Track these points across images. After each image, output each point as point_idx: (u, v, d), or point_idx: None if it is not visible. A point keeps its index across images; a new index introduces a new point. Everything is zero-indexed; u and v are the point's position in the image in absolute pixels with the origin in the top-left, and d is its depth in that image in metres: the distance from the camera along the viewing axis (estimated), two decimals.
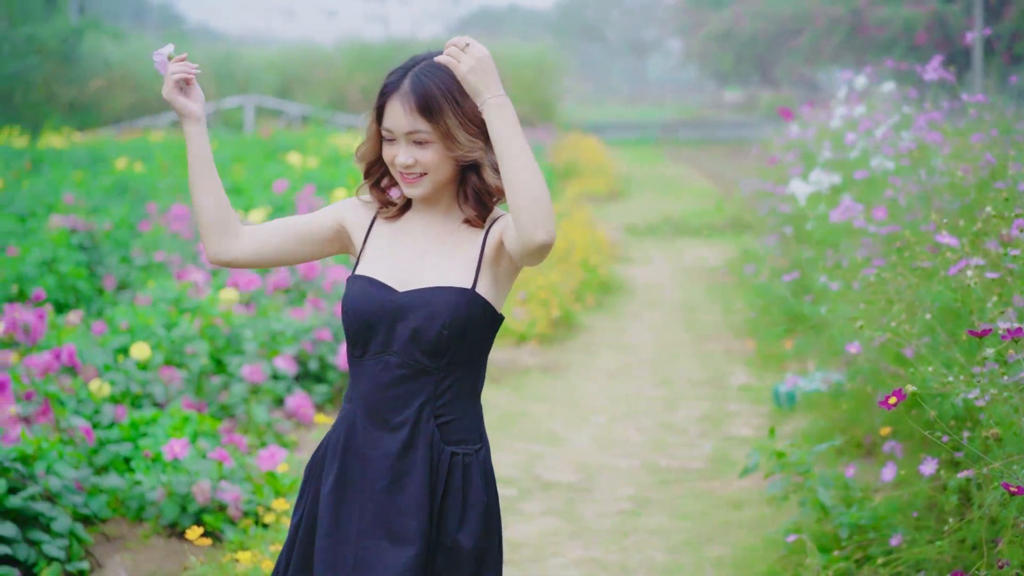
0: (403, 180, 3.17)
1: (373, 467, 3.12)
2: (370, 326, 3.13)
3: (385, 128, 3.16)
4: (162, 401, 7.33)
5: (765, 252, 11.47)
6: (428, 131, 3.10)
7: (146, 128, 31.18)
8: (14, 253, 10.41)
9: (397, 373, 3.11)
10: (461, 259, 3.16)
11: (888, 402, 3.49)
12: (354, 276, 3.20)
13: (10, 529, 5.07)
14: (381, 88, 3.17)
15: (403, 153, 3.13)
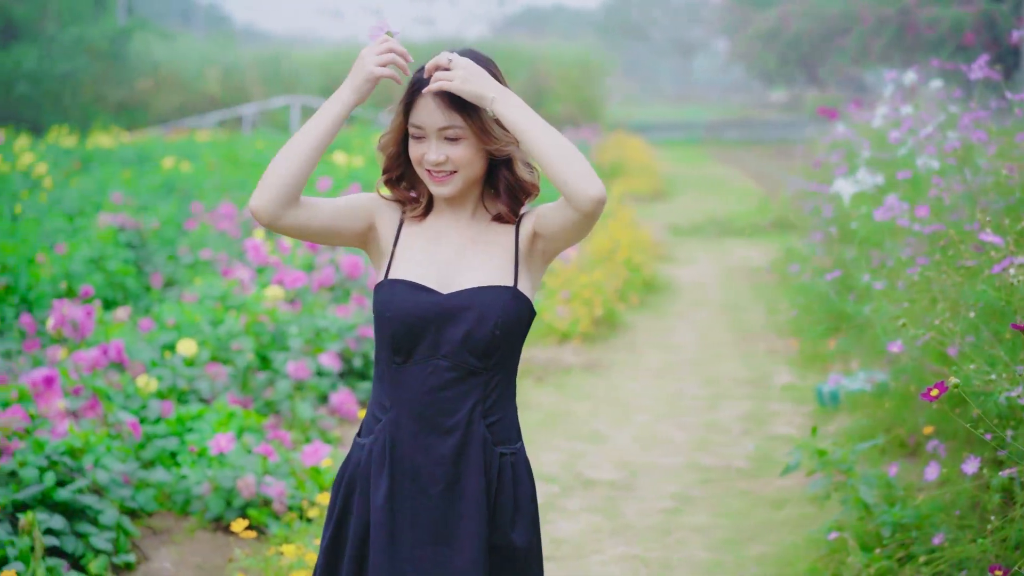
0: (432, 179, 3.12)
1: (426, 473, 3.08)
2: (417, 331, 3.08)
3: (414, 125, 3.11)
4: (208, 397, 7.40)
5: (809, 252, 11.44)
6: (463, 126, 3.07)
7: (192, 128, 31.40)
8: (63, 251, 10.52)
9: (447, 376, 3.07)
10: (497, 258, 3.15)
11: (930, 394, 3.50)
12: (390, 280, 3.14)
13: (59, 521, 5.14)
14: (411, 84, 3.13)
15: (434, 150, 3.08)
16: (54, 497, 5.29)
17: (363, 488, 3.13)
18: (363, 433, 3.19)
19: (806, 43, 43.86)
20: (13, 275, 9.48)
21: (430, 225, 3.21)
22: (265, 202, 3.04)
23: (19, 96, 32.59)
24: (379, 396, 3.16)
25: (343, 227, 3.17)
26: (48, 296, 9.45)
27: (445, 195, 3.13)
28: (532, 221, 3.17)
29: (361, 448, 3.16)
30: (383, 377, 3.15)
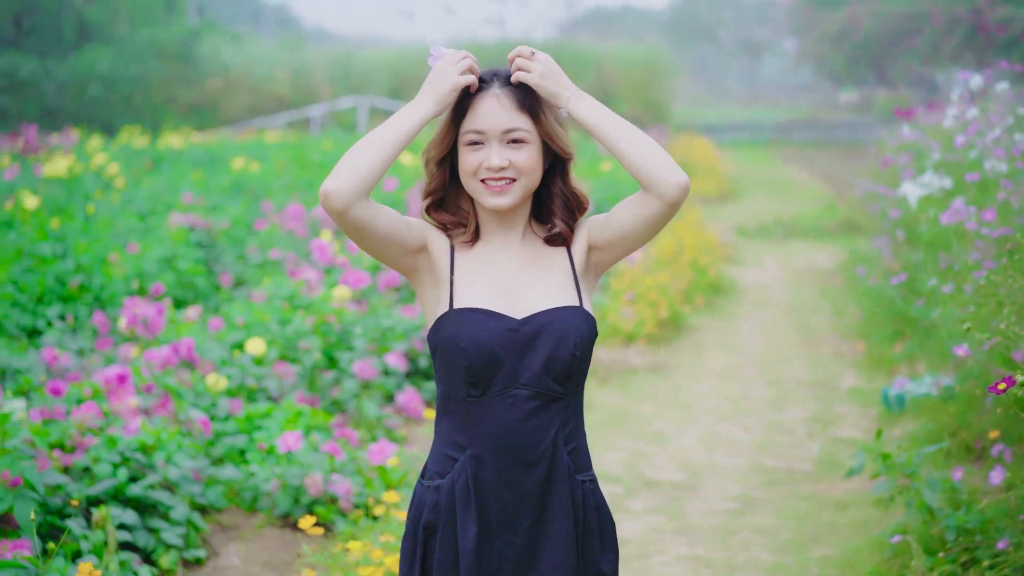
0: (489, 189, 2.98)
1: (512, 510, 2.95)
2: (495, 361, 2.93)
3: (473, 130, 2.98)
4: (276, 395, 7.49)
5: (876, 254, 11.38)
6: (528, 130, 2.97)
7: (261, 129, 31.68)
8: (135, 250, 10.69)
9: (529, 406, 2.94)
10: (557, 277, 3.03)
11: (998, 388, 3.50)
12: (459, 310, 2.97)
13: (131, 516, 5.25)
14: (466, 88, 3.00)
15: (496, 155, 2.95)
16: (126, 493, 5.40)
17: (444, 531, 2.98)
18: (430, 475, 3.03)
19: (876, 44, 43.50)
20: (87, 274, 9.64)
21: (481, 252, 3.07)
22: (342, 186, 2.86)
23: (92, 97, 33.05)
24: (451, 435, 3.00)
25: (402, 239, 2.99)
26: (120, 295, 9.60)
27: (503, 206, 2.98)
28: (585, 236, 3.08)
29: (435, 491, 2.99)
30: (454, 412, 2.99)
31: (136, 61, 34.04)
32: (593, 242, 3.08)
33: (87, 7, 35.21)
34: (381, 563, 4.46)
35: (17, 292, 9.12)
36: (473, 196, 3.03)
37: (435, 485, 2.99)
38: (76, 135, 24.32)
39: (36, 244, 10.17)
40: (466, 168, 2.99)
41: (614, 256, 3.09)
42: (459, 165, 3.02)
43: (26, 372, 7.34)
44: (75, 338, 8.53)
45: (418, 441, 7.34)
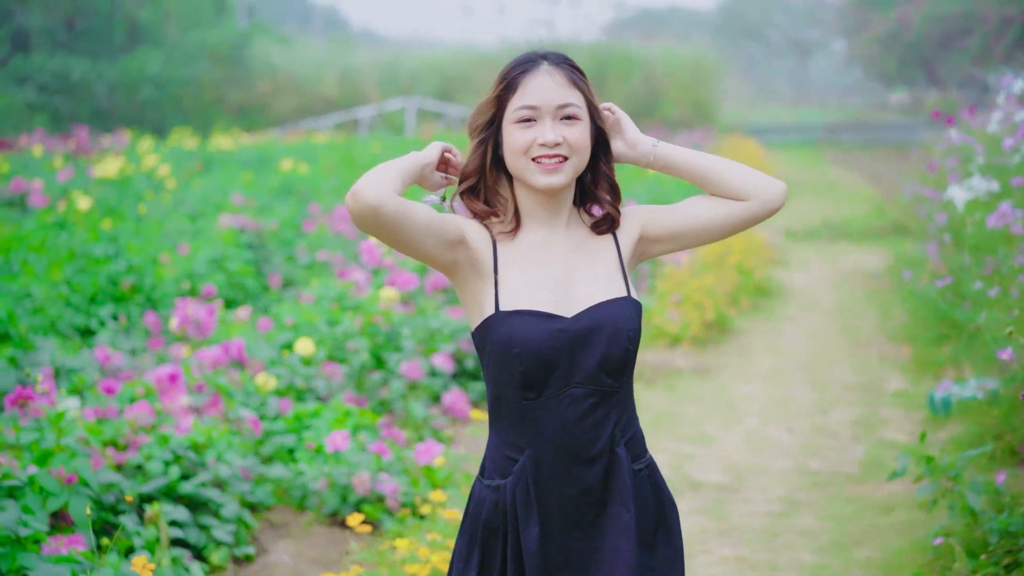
0: (542, 167, 2.90)
1: (574, 508, 2.92)
2: (551, 362, 2.87)
3: (525, 106, 2.89)
4: (324, 395, 7.59)
5: (923, 258, 11.35)
6: (580, 106, 2.92)
7: (310, 130, 31.87)
8: (186, 251, 10.82)
9: (586, 404, 2.90)
10: (605, 267, 2.99)
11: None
12: (509, 312, 2.90)
13: (183, 513, 5.34)
14: (511, 67, 2.93)
15: (550, 130, 2.87)
16: (178, 490, 5.49)
17: (505, 530, 2.94)
18: (489, 474, 2.98)
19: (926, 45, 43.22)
20: (138, 275, 9.77)
21: (524, 243, 2.98)
22: (374, 180, 2.77)
23: (143, 99, 33.37)
24: (508, 436, 2.94)
25: (439, 230, 2.86)
26: (171, 295, 9.73)
27: (555, 185, 2.90)
28: (638, 224, 3.05)
29: (495, 490, 2.94)
30: (510, 415, 2.93)
31: (187, 63, 34.36)
32: (648, 233, 3.06)
33: (138, 10, 35.56)
34: (428, 560, 4.53)
35: (70, 292, 9.26)
36: (521, 177, 2.94)
37: (495, 485, 2.94)
38: (127, 136, 24.60)
39: (89, 245, 10.32)
40: (516, 146, 2.91)
41: (666, 249, 3.08)
42: (506, 145, 2.94)
43: (80, 371, 7.46)
44: (127, 338, 8.66)
45: (464, 441, 7.41)
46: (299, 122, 34.54)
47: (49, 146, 21.84)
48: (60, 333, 8.71)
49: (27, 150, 20.60)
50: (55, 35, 34.56)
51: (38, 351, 7.72)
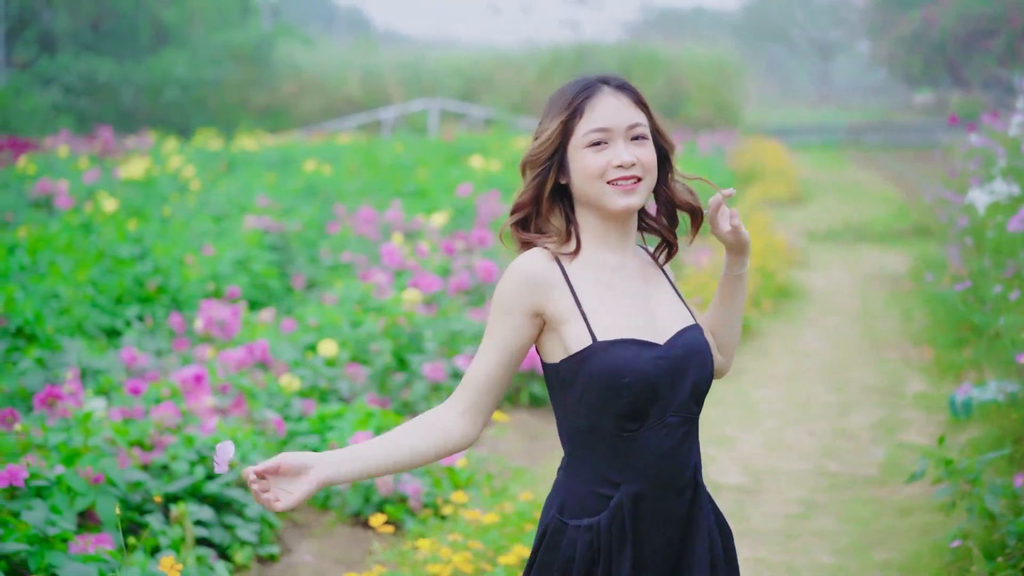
0: (620, 189, 2.83)
1: (663, 538, 2.85)
2: (656, 392, 2.79)
3: (597, 129, 2.82)
4: (347, 397, 7.65)
5: (944, 260, 11.36)
6: (646, 125, 2.87)
7: (333, 131, 31.98)
8: (211, 252, 10.91)
9: (679, 433, 2.83)
10: (670, 294, 2.95)
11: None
12: (611, 342, 2.78)
13: (208, 513, 5.42)
14: (573, 94, 2.86)
15: (624, 151, 2.80)
16: (203, 490, 5.57)
17: (594, 572, 2.83)
18: (574, 513, 2.84)
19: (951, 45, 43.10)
20: (164, 276, 9.86)
21: (596, 269, 2.89)
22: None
23: (168, 101, 33.53)
24: (600, 471, 2.82)
25: (516, 365, 2.89)
26: (196, 297, 9.81)
27: (634, 206, 2.82)
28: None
29: (588, 530, 2.81)
30: (604, 449, 2.81)
31: (211, 65, 34.51)
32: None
33: (163, 11, 35.74)
34: (450, 561, 4.59)
35: (96, 293, 9.35)
36: (597, 201, 2.85)
37: (587, 525, 2.82)
38: (152, 138, 24.75)
39: (115, 246, 10.42)
40: (591, 170, 2.83)
41: None
42: (576, 171, 2.85)
43: (106, 372, 7.54)
44: (153, 339, 8.74)
45: (486, 443, 7.47)
46: (322, 123, 34.65)
47: (74, 147, 21.99)
48: (86, 334, 8.80)
49: (53, 151, 20.76)
50: (81, 37, 34.77)
51: (65, 352, 7.81)
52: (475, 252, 10.43)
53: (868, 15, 53.09)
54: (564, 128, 2.84)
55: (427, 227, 12.22)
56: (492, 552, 4.79)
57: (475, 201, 14.33)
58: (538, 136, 2.88)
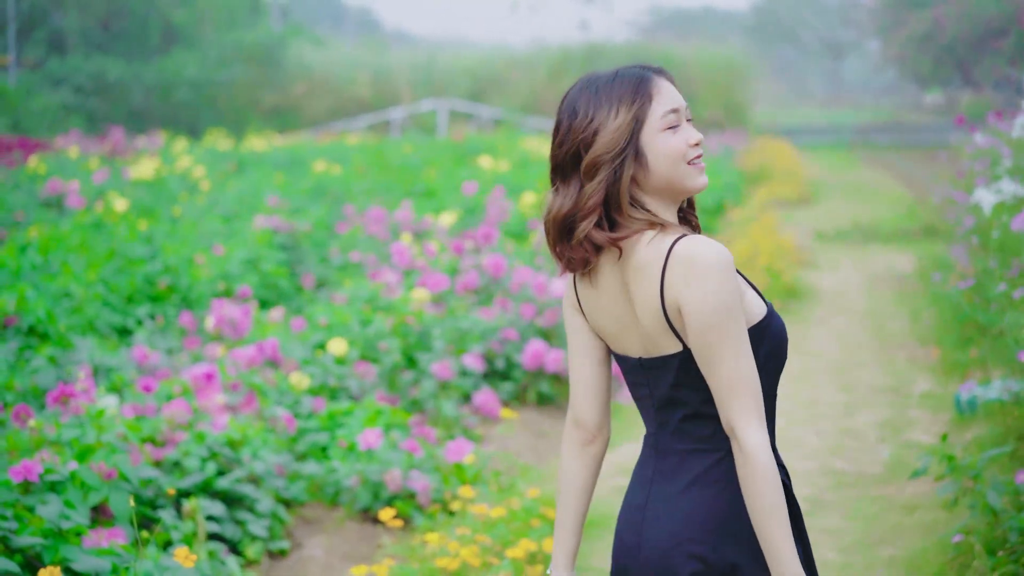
0: (698, 168, 2.82)
1: None
2: None
3: (672, 110, 2.78)
4: (357, 394, 7.71)
5: (951, 260, 11.40)
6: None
7: (342, 131, 32.04)
8: (221, 252, 10.98)
9: None
10: None
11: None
12: (772, 306, 2.91)
13: (219, 508, 5.48)
14: (637, 82, 2.79)
15: (692, 131, 2.79)
16: (214, 486, 5.63)
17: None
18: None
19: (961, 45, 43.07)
20: (174, 275, 9.93)
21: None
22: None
23: (178, 101, 33.62)
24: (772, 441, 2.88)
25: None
26: (206, 296, 9.88)
27: (705, 185, 2.82)
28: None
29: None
30: (768, 413, 2.89)
31: (222, 65, 34.59)
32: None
33: (173, 11, 35.83)
34: (457, 554, 4.65)
35: (108, 292, 9.42)
36: (680, 183, 2.80)
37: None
38: (162, 138, 24.83)
39: (126, 245, 10.50)
40: (675, 152, 2.78)
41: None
42: (657, 156, 2.77)
43: (117, 370, 7.61)
44: (164, 337, 8.81)
45: (495, 440, 7.52)
46: (331, 123, 34.71)
47: (85, 148, 22.08)
48: (98, 332, 8.87)
49: (63, 151, 20.85)
50: (91, 37, 34.86)
51: (76, 350, 7.88)
52: (483, 251, 10.49)
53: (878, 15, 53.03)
54: (636, 115, 2.77)
55: (436, 227, 12.28)
56: (500, 546, 4.85)
57: (484, 201, 14.38)
58: (597, 132, 2.76)
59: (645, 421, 2.91)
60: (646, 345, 2.83)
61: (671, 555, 2.79)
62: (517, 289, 9.56)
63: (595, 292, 2.86)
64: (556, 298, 9.37)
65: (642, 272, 2.76)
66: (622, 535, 2.88)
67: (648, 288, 2.76)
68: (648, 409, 2.89)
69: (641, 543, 2.83)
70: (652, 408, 2.87)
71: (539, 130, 30.79)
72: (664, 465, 2.85)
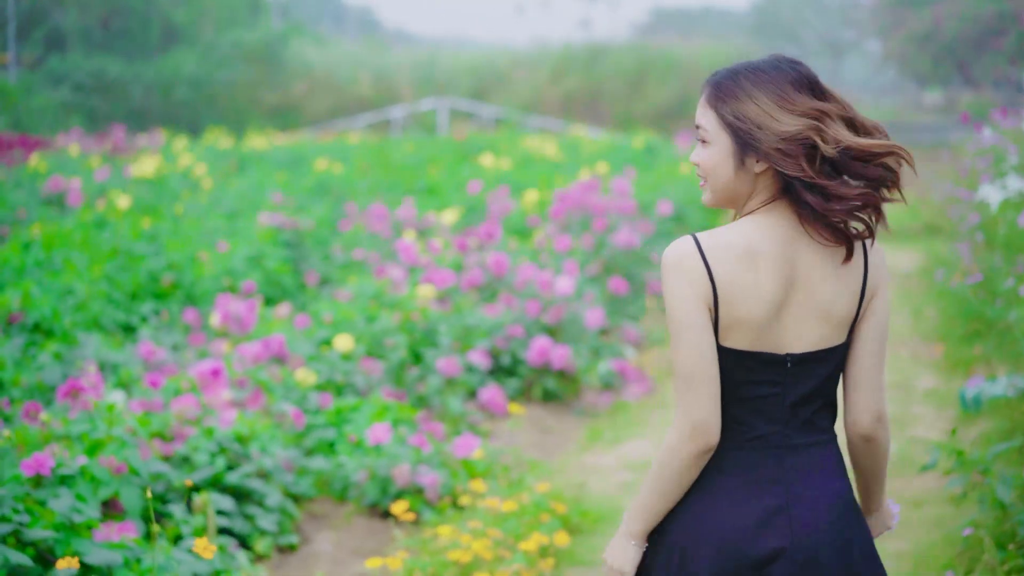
0: (701, 185, 2.90)
1: None
2: None
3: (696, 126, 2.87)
4: (363, 390, 7.71)
5: (955, 257, 11.40)
6: (709, 128, 2.83)
7: (342, 130, 32.03)
8: (225, 249, 10.97)
9: None
10: None
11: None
12: None
13: (228, 503, 5.48)
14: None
15: (694, 152, 2.86)
16: (223, 481, 5.63)
17: None
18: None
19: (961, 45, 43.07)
20: (178, 272, 9.93)
21: None
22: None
23: (178, 100, 33.60)
24: None
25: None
26: (210, 292, 9.88)
27: (705, 203, 2.88)
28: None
29: None
30: None
31: (222, 64, 34.56)
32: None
33: (173, 10, 35.81)
34: (469, 548, 4.65)
35: (112, 289, 9.42)
36: None
37: None
38: (162, 136, 24.82)
39: (129, 243, 10.49)
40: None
41: None
42: None
43: (124, 366, 7.61)
44: (168, 334, 8.81)
45: (501, 436, 7.52)
46: (331, 122, 34.68)
47: (85, 146, 22.05)
48: (103, 329, 8.87)
49: (64, 150, 20.83)
50: (91, 35, 34.83)
51: (82, 346, 7.88)
52: (487, 248, 10.50)
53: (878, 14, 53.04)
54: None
55: (439, 224, 12.28)
56: (511, 540, 4.85)
57: (486, 199, 14.38)
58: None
59: (753, 422, 2.84)
60: (816, 338, 2.84)
61: (847, 550, 2.85)
62: (522, 286, 9.56)
63: (770, 280, 2.78)
64: (561, 295, 9.38)
65: (854, 263, 2.84)
66: (757, 542, 2.80)
67: (854, 278, 2.83)
68: (771, 408, 2.83)
69: (797, 544, 2.81)
70: (780, 406, 2.84)
71: (541, 129, 30.78)
72: (797, 462, 2.85)
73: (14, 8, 32.66)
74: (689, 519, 2.82)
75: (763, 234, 2.78)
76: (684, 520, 2.82)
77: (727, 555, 2.78)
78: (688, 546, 2.80)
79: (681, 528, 2.82)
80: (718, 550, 2.78)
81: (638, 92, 34.71)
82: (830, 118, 2.81)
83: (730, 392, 2.80)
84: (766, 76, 2.82)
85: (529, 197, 13.89)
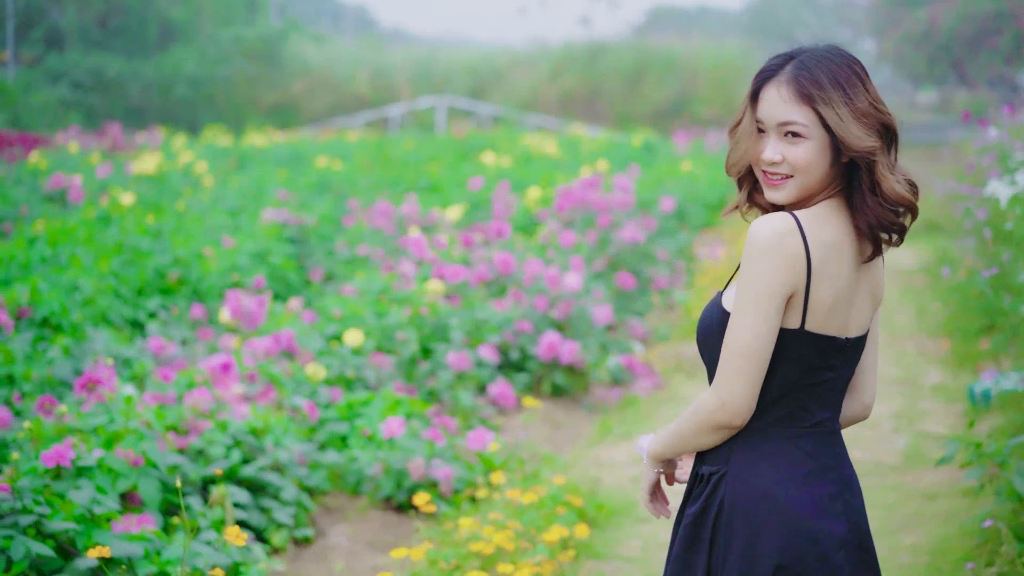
0: (766, 181, 2.82)
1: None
2: None
3: (758, 117, 2.80)
4: (373, 385, 7.71)
5: (961, 254, 11.41)
6: (807, 123, 2.75)
7: (341, 128, 32.02)
8: (230, 245, 10.97)
9: None
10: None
11: None
12: None
13: (244, 496, 5.48)
14: (759, 72, 2.85)
15: (770, 148, 2.77)
16: (239, 474, 5.63)
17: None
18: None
19: (957, 44, 43.11)
20: (184, 268, 9.92)
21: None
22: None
23: (177, 98, 33.57)
24: None
25: None
26: (217, 288, 9.87)
27: (776, 200, 2.81)
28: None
29: None
30: None
31: (220, 62, 34.54)
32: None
33: (171, 8, 35.79)
34: (491, 540, 4.65)
35: (118, 284, 9.41)
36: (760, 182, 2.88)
37: None
38: (161, 134, 24.80)
39: (135, 238, 10.48)
40: (752, 155, 2.85)
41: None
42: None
43: (134, 360, 7.60)
44: (176, 328, 8.80)
45: (512, 430, 7.52)
46: (330, 120, 34.66)
47: (84, 143, 22.02)
48: (111, 324, 8.86)
49: (63, 147, 20.80)
50: (89, 33, 34.79)
51: (91, 341, 7.87)
52: (493, 244, 10.49)
53: (873, 14, 53.08)
54: (746, 108, 2.85)
55: (443, 221, 12.28)
56: (533, 531, 4.85)
57: (489, 195, 14.38)
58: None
59: (815, 408, 2.84)
60: (864, 321, 2.88)
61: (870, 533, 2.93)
62: (530, 282, 9.55)
63: (848, 265, 2.81)
64: (569, 291, 9.37)
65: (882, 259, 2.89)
66: (823, 528, 2.79)
67: (879, 264, 2.89)
68: (829, 392, 2.85)
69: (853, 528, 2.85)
70: (835, 391, 2.86)
71: (539, 127, 30.78)
72: (840, 448, 2.92)
73: (12, 6, 32.62)
74: (757, 507, 2.79)
75: (834, 221, 2.80)
76: (751, 507, 2.79)
77: (796, 542, 2.76)
78: (757, 533, 2.78)
79: (749, 516, 2.79)
80: (786, 538, 2.77)
81: (636, 91, 34.71)
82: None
83: (802, 377, 2.80)
84: (849, 71, 2.81)
85: (531, 194, 13.90)
